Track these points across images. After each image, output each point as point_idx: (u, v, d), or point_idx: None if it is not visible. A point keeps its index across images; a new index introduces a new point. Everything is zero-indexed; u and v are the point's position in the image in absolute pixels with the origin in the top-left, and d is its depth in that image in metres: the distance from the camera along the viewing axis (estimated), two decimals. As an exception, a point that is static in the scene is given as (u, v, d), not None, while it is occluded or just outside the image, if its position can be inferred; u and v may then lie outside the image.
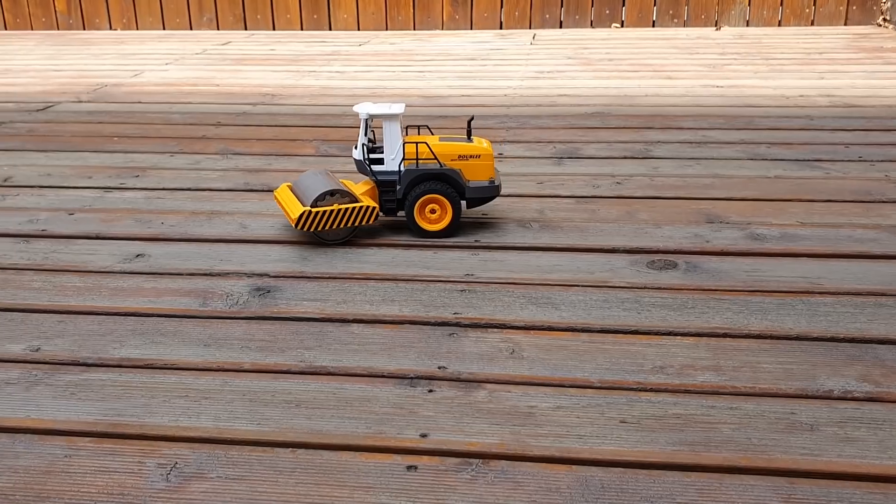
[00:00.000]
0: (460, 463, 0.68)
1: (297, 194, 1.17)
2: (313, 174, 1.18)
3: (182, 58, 2.82)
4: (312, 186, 1.14)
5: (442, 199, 1.14)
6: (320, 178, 1.16)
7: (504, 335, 0.88)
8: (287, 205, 1.14)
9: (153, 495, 0.65)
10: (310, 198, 1.11)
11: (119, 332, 0.91)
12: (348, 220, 1.11)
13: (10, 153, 1.65)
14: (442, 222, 1.15)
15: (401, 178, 1.14)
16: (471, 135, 1.19)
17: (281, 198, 1.17)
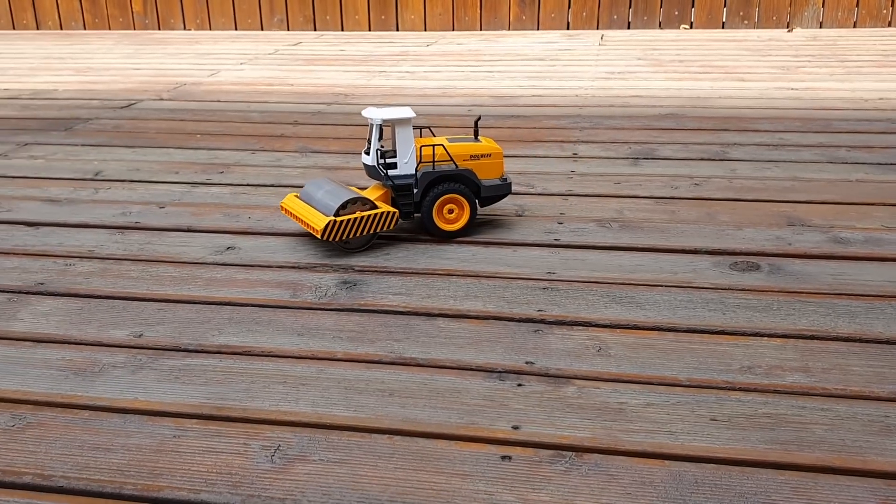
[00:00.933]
0: (554, 455, 0.69)
1: (312, 205, 1.14)
2: (321, 183, 1.16)
3: (256, 58, 2.89)
4: (330, 196, 1.12)
5: (460, 198, 1.15)
6: (334, 187, 1.15)
7: (590, 333, 0.89)
8: (305, 215, 1.12)
9: (260, 475, 0.68)
10: (331, 207, 1.10)
11: (216, 320, 0.95)
12: (371, 226, 1.11)
13: (98, 148, 1.72)
14: (459, 222, 1.17)
15: (417, 180, 1.14)
16: (478, 134, 1.20)
17: (293, 208, 1.15)
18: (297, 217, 1.14)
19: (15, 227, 1.26)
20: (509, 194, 1.21)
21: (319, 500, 0.65)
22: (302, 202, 1.16)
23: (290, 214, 1.16)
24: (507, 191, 1.19)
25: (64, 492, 0.67)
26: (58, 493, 0.67)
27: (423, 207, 1.15)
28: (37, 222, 1.28)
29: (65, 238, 1.21)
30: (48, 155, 1.67)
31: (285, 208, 1.17)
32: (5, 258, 1.14)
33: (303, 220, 1.12)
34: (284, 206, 1.17)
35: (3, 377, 0.83)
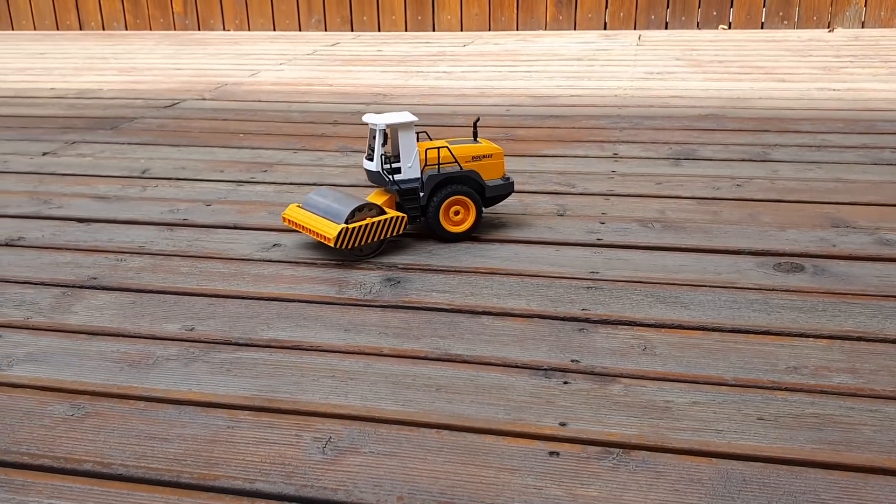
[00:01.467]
0: (601, 451, 0.70)
1: (318, 214, 1.13)
2: (325, 192, 1.15)
3: (294, 58, 2.93)
4: (337, 204, 1.11)
5: (466, 200, 1.15)
6: (339, 195, 1.14)
7: (635, 332, 0.90)
8: (315, 225, 1.11)
9: (312, 466, 0.69)
10: (342, 215, 1.09)
11: (265, 315, 0.97)
12: (381, 232, 1.10)
13: (145, 147, 1.75)
14: (465, 223, 1.17)
15: (423, 184, 1.14)
16: (477, 135, 1.20)
17: (299, 218, 1.13)
18: (305, 227, 1.12)
19: (67, 223, 1.29)
20: (512, 193, 1.21)
21: (371, 492, 0.66)
22: (307, 212, 1.14)
23: (296, 225, 1.14)
24: (510, 190, 1.20)
25: (123, 479, 0.69)
26: (117, 480, 0.69)
27: (430, 210, 1.14)
28: (87, 218, 1.31)
29: (115, 234, 1.24)
30: (96, 153, 1.71)
31: (289, 219, 1.15)
32: (59, 253, 1.17)
33: (312, 229, 1.11)
34: (288, 217, 1.15)
35: (61, 368, 0.86)
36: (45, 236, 1.24)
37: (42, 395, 0.81)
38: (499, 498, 0.65)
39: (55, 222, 1.30)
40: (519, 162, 1.55)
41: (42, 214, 1.34)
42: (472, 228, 1.17)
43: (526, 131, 1.78)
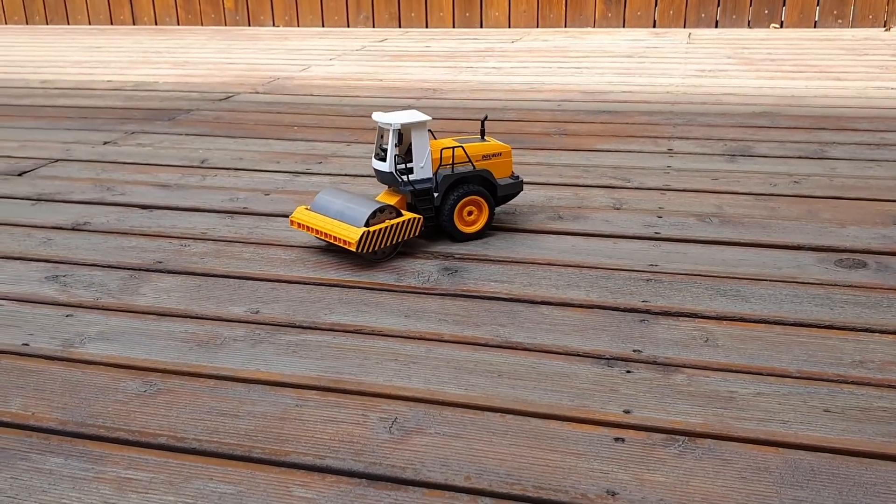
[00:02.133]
0: (666, 439, 0.70)
1: (332, 217, 1.09)
2: (335, 193, 1.12)
3: (344, 54, 2.95)
4: (354, 206, 1.08)
5: (480, 200, 1.14)
6: (351, 197, 1.11)
7: (696, 324, 0.90)
8: (332, 229, 1.07)
9: (380, 445, 0.71)
10: (360, 218, 1.05)
11: (327, 300, 0.98)
12: (400, 234, 1.08)
13: (202, 138, 1.79)
14: (478, 223, 1.15)
15: (438, 184, 1.11)
16: (484, 134, 1.19)
17: (312, 222, 1.09)
18: (321, 231, 1.08)
19: (130, 210, 1.32)
20: (521, 192, 1.19)
21: (439, 471, 0.67)
22: (320, 215, 1.10)
23: (308, 229, 1.10)
24: (520, 189, 1.18)
25: (196, 453, 0.71)
26: (191, 454, 0.71)
27: (445, 210, 1.12)
28: (150, 205, 1.34)
29: (178, 221, 1.27)
30: (155, 143, 1.75)
31: (299, 223, 1.11)
32: (124, 238, 1.20)
33: (329, 233, 1.07)
34: (298, 221, 1.11)
35: (132, 347, 0.88)
36: (109, 221, 1.27)
37: (115, 372, 0.84)
38: (566, 481, 0.65)
39: (119, 208, 1.33)
40: (572, 156, 1.55)
41: (106, 201, 1.37)
42: (484, 228, 1.15)
43: (578, 126, 1.77)
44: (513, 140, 1.69)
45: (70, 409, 0.77)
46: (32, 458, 0.70)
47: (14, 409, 0.77)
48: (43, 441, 0.72)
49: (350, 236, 1.04)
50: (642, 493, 0.64)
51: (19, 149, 1.73)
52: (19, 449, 0.71)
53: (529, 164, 1.51)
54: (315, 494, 0.65)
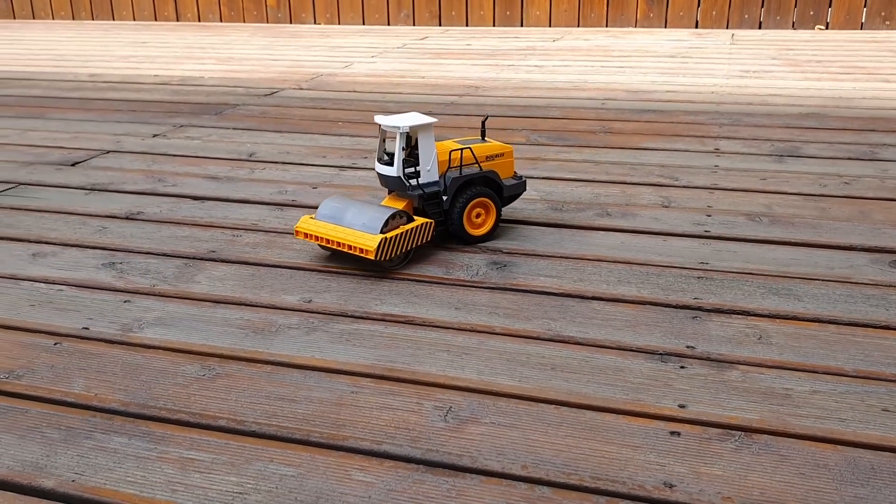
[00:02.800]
0: (722, 434, 0.70)
1: (343, 225, 1.05)
2: (342, 201, 1.08)
3: (385, 51, 2.97)
4: (365, 213, 1.05)
5: (488, 201, 1.11)
6: (359, 203, 1.08)
7: (749, 321, 0.89)
8: (345, 237, 1.03)
9: (436, 433, 0.71)
10: (375, 224, 1.02)
11: (378, 290, 0.99)
12: (414, 239, 1.05)
13: (250, 132, 1.81)
14: (486, 226, 1.13)
15: (447, 186, 1.09)
16: (485, 135, 1.17)
17: (323, 232, 1.05)
18: (333, 240, 1.04)
19: (182, 200, 1.35)
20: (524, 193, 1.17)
21: (495, 460, 0.68)
22: (329, 224, 1.06)
23: (317, 239, 1.06)
24: (523, 189, 1.16)
25: (256, 436, 0.72)
26: (251, 436, 0.72)
27: (454, 214, 1.09)
28: (201, 196, 1.36)
29: (229, 212, 1.29)
30: (203, 136, 1.78)
31: (308, 233, 1.06)
32: (177, 227, 1.22)
33: (343, 242, 1.03)
34: (305, 231, 1.07)
35: (189, 332, 0.90)
36: (162, 211, 1.29)
37: (174, 357, 0.85)
38: (622, 472, 0.66)
39: (171, 199, 1.36)
40: (619, 154, 1.55)
41: (158, 191, 1.40)
42: (492, 231, 1.13)
43: (623, 124, 1.77)
44: (557, 138, 1.69)
45: (132, 391, 0.79)
46: (97, 437, 0.72)
47: (77, 391, 0.79)
48: (106, 421, 0.74)
49: (367, 244, 1.01)
50: (699, 485, 0.64)
51: (72, 140, 1.76)
52: (84, 428, 0.73)
53: (575, 162, 1.51)
54: (374, 478, 0.66)
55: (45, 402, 0.77)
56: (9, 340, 0.89)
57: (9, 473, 0.67)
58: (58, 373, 0.82)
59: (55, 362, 0.85)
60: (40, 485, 0.66)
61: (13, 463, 0.69)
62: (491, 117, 1.89)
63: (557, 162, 1.51)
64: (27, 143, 1.75)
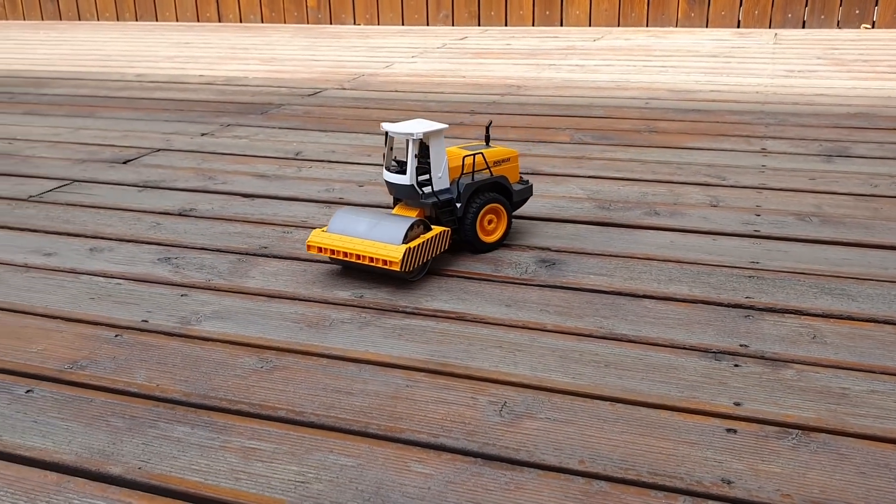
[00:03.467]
0: (779, 432, 0.70)
1: (362, 237, 1.01)
2: (353, 212, 1.05)
3: (425, 51, 2.99)
4: (384, 223, 1.01)
5: (500, 207, 1.09)
6: (373, 213, 1.04)
7: (802, 321, 0.89)
8: (366, 249, 0.99)
9: (492, 427, 0.72)
10: (396, 235, 0.99)
11: (428, 287, 1.00)
12: (435, 249, 1.02)
13: (295, 131, 1.84)
14: (497, 232, 1.11)
15: (460, 193, 1.06)
16: (489, 140, 1.15)
17: (341, 245, 1.00)
18: (352, 253, 1.00)
19: (232, 198, 1.37)
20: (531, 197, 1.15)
21: (552, 454, 0.68)
22: (344, 237, 1.02)
23: (333, 253, 1.01)
24: (531, 194, 1.15)
25: (315, 426, 0.73)
26: (309, 427, 0.73)
27: (468, 221, 1.06)
28: (251, 194, 1.39)
29: (279, 209, 1.31)
30: (250, 135, 1.80)
31: (323, 247, 1.02)
32: (229, 224, 1.25)
33: (363, 254, 0.99)
34: (320, 245, 1.02)
35: (245, 325, 0.92)
36: (214, 208, 1.32)
37: (231, 349, 0.87)
38: (680, 468, 0.66)
39: (222, 196, 1.38)
40: (664, 153, 1.54)
41: (209, 189, 1.42)
42: (503, 237, 1.11)
43: (668, 124, 1.76)
44: (602, 136, 1.69)
45: (192, 382, 0.81)
46: (161, 426, 0.74)
47: (140, 381, 0.81)
48: (169, 411, 0.76)
49: (391, 255, 0.97)
50: (758, 482, 0.64)
51: (122, 138, 1.80)
52: (148, 417, 0.75)
53: (621, 161, 1.51)
54: (432, 470, 0.67)
55: (109, 392, 0.80)
56: (71, 332, 0.92)
57: (77, 460, 0.70)
58: (120, 364, 0.85)
59: (117, 354, 0.87)
60: (108, 471, 0.68)
61: (81, 450, 0.71)
62: (534, 116, 1.89)
63: (603, 161, 1.51)
64: (79, 140, 1.79)
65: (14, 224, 1.27)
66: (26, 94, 2.33)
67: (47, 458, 0.70)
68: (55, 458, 0.70)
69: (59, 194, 1.41)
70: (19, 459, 0.70)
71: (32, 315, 0.96)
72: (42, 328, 0.93)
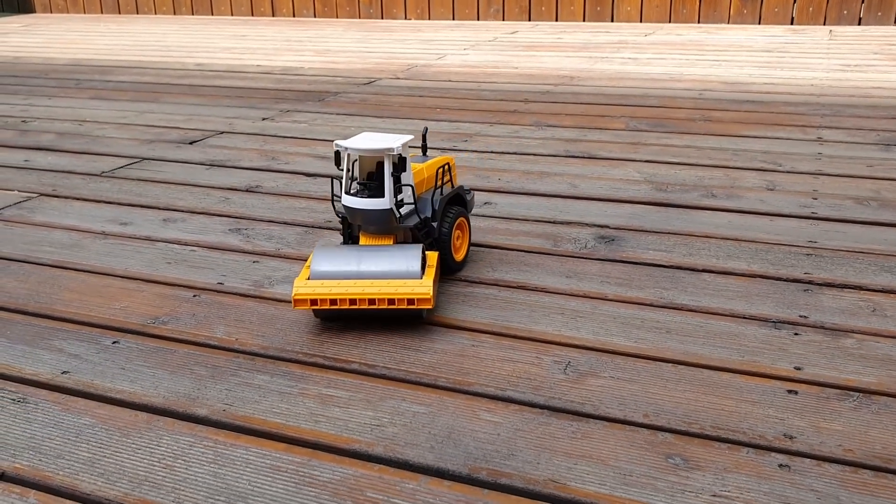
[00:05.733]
0: (840, 394, 0.72)
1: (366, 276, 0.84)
2: (336, 250, 0.87)
3: (477, 44, 3.02)
4: (385, 256, 0.86)
5: (465, 221, 0.99)
6: (366, 247, 0.88)
7: (862, 295, 0.90)
8: (378, 291, 0.82)
9: (557, 383, 0.75)
10: (412, 267, 0.84)
11: (489, 259, 1.03)
12: (440, 273, 0.94)
13: (352, 117, 1.88)
14: (463, 248, 1.00)
15: (434, 210, 0.92)
16: (426, 149, 1.04)
17: (341, 291, 0.82)
18: (363, 298, 0.82)
19: (295, 177, 1.42)
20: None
21: (617, 408, 0.71)
22: (342, 282, 0.83)
23: (333, 303, 0.83)
24: (474, 203, 1.04)
25: (387, 378, 0.77)
26: (382, 378, 0.77)
27: (443, 238, 0.94)
28: (313, 173, 1.43)
29: (341, 186, 1.35)
30: (309, 120, 1.85)
31: (314, 298, 0.83)
32: (294, 200, 1.29)
33: (378, 297, 0.82)
34: (311, 296, 0.83)
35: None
36: (279, 186, 1.36)
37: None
38: (742, 423, 0.68)
39: (285, 175, 1.43)
40: (719, 140, 1.55)
41: (273, 168, 1.47)
42: (467, 253, 1.01)
43: (723, 114, 1.77)
44: (657, 124, 1.70)
45: (269, 337, 0.85)
46: (242, 374, 0.78)
47: (219, 335, 0.86)
48: (249, 361, 0.80)
49: (419, 292, 0.82)
50: (820, 438, 0.66)
51: (186, 121, 1.86)
52: (229, 367, 0.79)
53: (677, 147, 1.52)
54: (501, 419, 0.70)
55: (191, 344, 0.84)
56: (151, 292, 0.97)
57: (165, 402, 0.74)
58: (199, 320, 0.89)
59: (196, 311, 0.91)
60: (195, 412, 0.72)
61: (168, 394, 0.75)
62: (588, 105, 1.91)
63: (659, 146, 1.53)
64: (145, 123, 1.85)
65: (90, 196, 1.33)
66: (92, 81, 2.41)
67: (137, 400, 0.74)
68: (144, 400, 0.74)
69: (130, 170, 1.47)
70: (111, 401, 0.74)
71: (113, 276, 1.01)
72: (123, 288, 0.98)
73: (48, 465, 0.66)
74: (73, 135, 1.75)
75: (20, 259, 1.08)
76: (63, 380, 0.78)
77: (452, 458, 0.65)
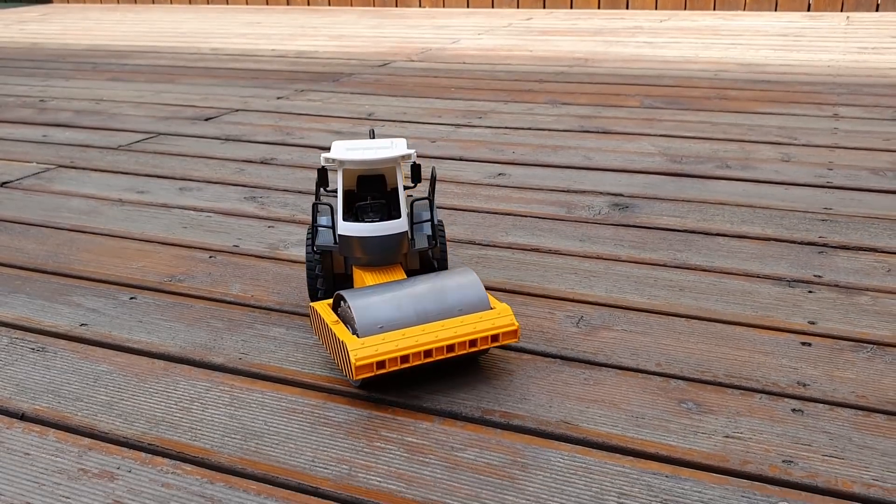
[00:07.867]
0: (854, 346, 0.72)
1: (432, 318, 0.67)
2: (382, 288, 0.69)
3: (491, 30, 3.01)
4: (441, 287, 0.69)
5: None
6: (408, 282, 0.70)
7: (876, 257, 0.90)
8: (454, 334, 0.65)
9: (569, 336, 0.75)
10: (476, 295, 0.69)
11: (501, 225, 1.04)
12: None
13: (366, 96, 1.88)
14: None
15: (434, 224, 0.76)
16: None
17: (404, 346, 0.64)
18: (438, 347, 0.65)
19: (309, 150, 1.42)
20: None
21: (629, 358, 0.71)
22: (410, 329, 0.65)
23: (407, 359, 0.64)
24: None
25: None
26: (395, 333, 0.77)
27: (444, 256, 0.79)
28: (328, 147, 1.44)
29: (355, 158, 1.35)
30: (324, 99, 1.86)
31: (383, 359, 0.63)
32: (308, 171, 1.30)
33: (457, 341, 0.65)
34: (377, 359, 0.63)
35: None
36: (293, 158, 1.37)
37: (318, 269, 0.92)
38: (756, 373, 0.68)
39: (299, 149, 1.43)
40: (735, 117, 1.55)
41: (287, 142, 1.48)
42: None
43: (738, 92, 1.76)
44: (672, 102, 1.70)
45: (284, 294, 0.86)
46: (258, 326, 0.79)
47: (235, 292, 0.86)
48: (265, 315, 0.81)
49: (504, 324, 0.67)
50: (833, 385, 0.66)
51: (202, 100, 1.87)
52: (245, 320, 0.80)
53: (692, 122, 1.52)
54: (514, 367, 0.70)
55: (207, 300, 0.85)
56: (167, 253, 0.98)
57: (182, 352, 0.75)
58: (215, 278, 0.90)
59: (212, 270, 0.92)
60: (211, 360, 0.73)
61: (185, 344, 0.76)
62: (603, 84, 1.91)
63: (673, 122, 1.53)
64: (162, 101, 1.87)
65: (107, 167, 1.34)
66: (109, 64, 2.43)
67: (154, 349, 0.75)
68: (161, 349, 0.75)
69: (146, 144, 1.48)
70: (128, 350, 0.75)
71: (130, 239, 1.03)
72: (140, 250, 0.99)
73: (67, 406, 0.67)
74: (91, 112, 1.77)
75: (39, 224, 1.09)
76: (81, 331, 0.79)
77: (465, 402, 0.65)
